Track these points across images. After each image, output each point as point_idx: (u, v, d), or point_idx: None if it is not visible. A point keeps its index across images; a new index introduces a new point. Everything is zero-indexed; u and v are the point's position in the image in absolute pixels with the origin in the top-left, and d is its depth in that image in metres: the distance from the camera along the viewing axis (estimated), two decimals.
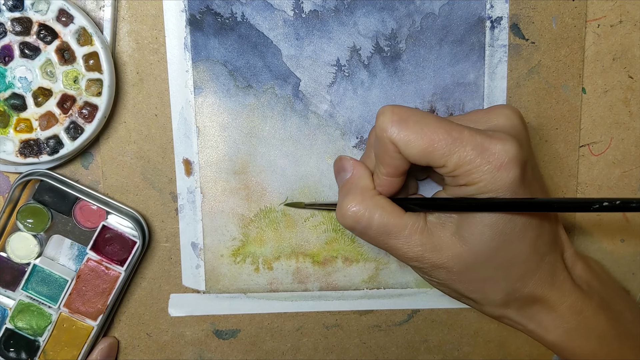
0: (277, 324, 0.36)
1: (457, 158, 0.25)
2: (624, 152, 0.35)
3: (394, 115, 0.26)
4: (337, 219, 0.28)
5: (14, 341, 0.33)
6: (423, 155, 0.26)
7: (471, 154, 0.25)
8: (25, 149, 0.31)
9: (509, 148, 0.25)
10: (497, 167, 0.25)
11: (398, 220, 0.27)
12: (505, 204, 0.25)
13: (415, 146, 0.26)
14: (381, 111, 0.26)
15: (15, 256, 0.33)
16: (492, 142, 0.25)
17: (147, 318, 0.36)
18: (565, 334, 0.28)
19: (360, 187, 0.28)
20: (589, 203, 0.23)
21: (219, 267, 0.35)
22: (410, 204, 0.28)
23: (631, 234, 0.36)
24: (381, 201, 0.28)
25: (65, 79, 0.31)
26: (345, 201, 0.28)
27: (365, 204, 0.27)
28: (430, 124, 0.26)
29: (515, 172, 0.25)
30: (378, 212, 0.27)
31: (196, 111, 0.33)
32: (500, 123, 0.27)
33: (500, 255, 0.26)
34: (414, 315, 0.36)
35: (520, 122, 0.28)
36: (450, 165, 0.25)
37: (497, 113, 0.28)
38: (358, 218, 0.27)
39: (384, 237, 0.27)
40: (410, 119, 0.26)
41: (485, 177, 0.25)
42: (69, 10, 0.30)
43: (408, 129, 0.26)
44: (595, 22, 0.34)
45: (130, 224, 0.33)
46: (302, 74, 0.33)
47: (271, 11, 0.33)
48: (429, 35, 0.33)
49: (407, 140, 0.26)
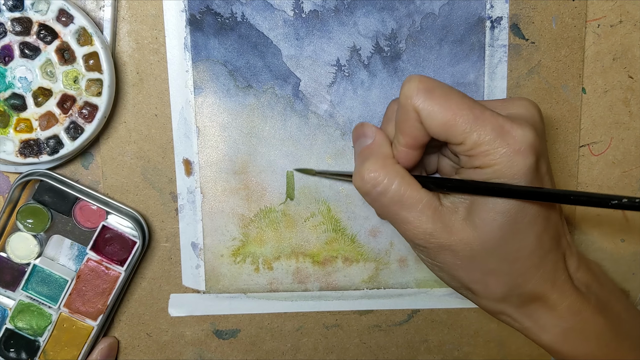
0: (277, 324, 0.36)
1: (476, 136, 0.25)
2: (624, 152, 0.35)
3: (421, 83, 0.26)
4: (354, 182, 0.28)
5: (14, 341, 0.33)
6: (444, 128, 0.26)
7: (491, 134, 0.25)
8: (25, 149, 0.31)
9: (528, 135, 0.25)
10: (515, 152, 0.25)
11: (415, 192, 0.27)
12: (522, 192, 0.25)
13: (438, 118, 0.25)
14: (408, 79, 0.26)
15: (15, 256, 0.33)
16: (513, 126, 0.25)
17: (147, 318, 0.36)
18: (562, 334, 0.28)
19: (382, 153, 0.28)
20: (608, 199, 0.23)
21: (219, 267, 0.35)
22: (426, 182, 0.28)
23: (631, 234, 0.36)
24: (401, 170, 0.27)
25: (65, 79, 0.31)
26: (365, 165, 0.28)
27: (386, 170, 0.27)
28: (455, 98, 0.26)
29: (531, 159, 0.25)
30: (397, 180, 0.27)
31: (196, 111, 0.33)
32: (520, 112, 0.27)
33: (507, 246, 0.26)
34: (414, 315, 0.36)
35: (539, 115, 0.28)
36: (469, 143, 0.25)
37: (516, 103, 0.28)
38: (377, 183, 0.27)
39: (397, 207, 0.27)
40: (436, 90, 0.26)
41: (502, 160, 0.25)
42: (69, 10, 0.30)
43: (433, 99, 0.26)
44: (595, 22, 0.34)
45: (130, 224, 0.33)
46: (302, 74, 0.33)
47: (271, 11, 0.33)
48: (429, 35, 0.33)
49: (431, 110, 0.26)
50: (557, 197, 0.25)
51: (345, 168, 0.34)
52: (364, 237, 0.35)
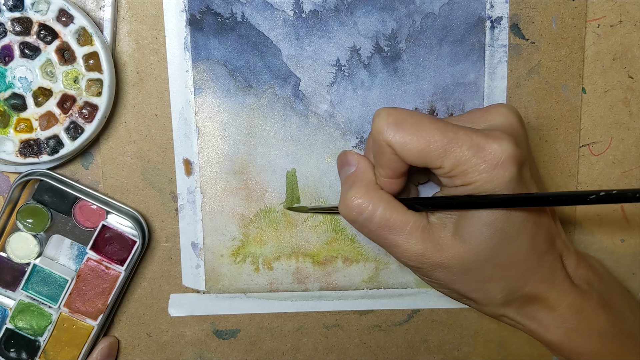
0: (277, 324, 0.36)
1: (453, 158, 0.25)
2: (624, 152, 0.35)
3: (390, 117, 0.26)
4: (340, 210, 0.28)
5: (14, 341, 0.33)
6: (419, 156, 0.26)
7: (467, 154, 0.25)
8: (25, 149, 0.31)
9: (505, 147, 0.25)
10: (493, 166, 0.25)
11: (401, 216, 0.27)
12: (503, 200, 0.25)
13: (412, 148, 0.26)
14: (377, 114, 0.27)
15: (15, 256, 0.33)
16: (488, 141, 0.25)
17: (147, 318, 0.36)
18: (565, 333, 0.28)
19: (365, 180, 0.28)
20: (585, 195, 0.23)
21: (219, 267, 0.35)
22: (412, 203, 0.28)
23: (631, 234, 0.36)
24: (385, 196, 0.28)
25: (65, 79, 0.31)
26: (349, 193, 0.28)
27: (370, 197, 0.27)
28: (426, 125, 0.26)
29: (512, 170, 0.25)
30: (382, 205, 0.27)
31: (196, 111, 0.33)
32: (498, 122, 0.27)
33: (500, 254, 0.26)
34: (414, 315, 0.36)
35: (518, 121, 0.28)
36: (447, 166, 0.25)
37: (494, 112, 0.28)
38: (361, 210, 0.27)
39: (385, 231, 0.27)
40: (406, 121, 0.26)
41: (482, 177, 0.25)
42: (69, 10, 0.30)
43: (404, 131, 0.26)
44: (595, 22, 0.34)
45: (130, 224, 0.33)
46: (302, 74, 0.33)
47: (271, 11, 0.33)
48: (429, 35, 0.33)
49: (403, 142, 0.26)
50: (537, 201, 0.25)
51: None
52: (364, 237, 0.35)
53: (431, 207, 0.28)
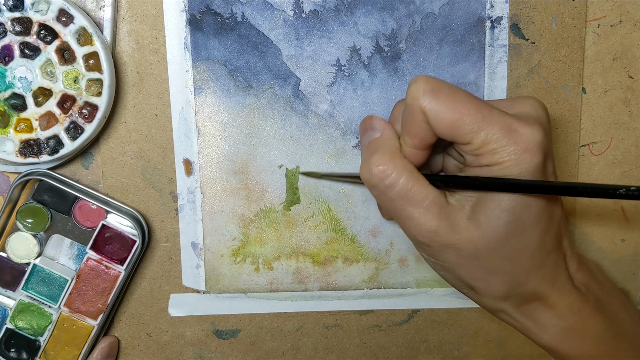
0: (277, 324, 0.36)
1: (484, 136, 0.25)
2: (624, 152, 0.35)
3: (427, 84, 0.26)
4: (362, 175, 0.28)
5: (14, 341, 0.33)
6: (450, 128, 0.25)
7: (499, 133, 0.25)
8: (25, 149, 0.31)
9: (536, 133, 0.25)
10: (523, 150, 0.25)
11: (422, 188, 0.27)
12: (530, 185, 0.25)
13: (445, 118, 0.25)
14: (414, 80, 0.26)
15: (15, 256, 0.33)
16: (520, 125, 0.25)
17: (147, 318, 0.36)
18: (561, 333, 0.28)
19: (390, 147, 0.28)
20: (615, 188, 0.23)
21: (219, 267, 0.35)
22: (433, 179, 0.28)
23: (631, 234, 0.36)
24: (409, 165, 0.27)
25: (65, 79, 0.31)
26: (373, 158, 0.27)
27: (394, 164, 0.27)
28: (462, 98, 0.26)
29: (539, 158, 0.25)
30: (405, 174, 0.27)
31: (196, 111, 0.33)
32: (527, 111, 0.27)
33: (510, 244, 0.26)
34: (414, 315, 0.36)
35: (546, 115, 0.27)
36: (477, 142, 0.25)
37: (523, 102, 0.28)
38: (384, 176, 0.27)
39: (404, 202, 0.27)
40: (442, 90, 0.26)
41: (510, 159, 0.25)
42: (69, 10, 0.30)
43: (439, 100, 0.25)
44: (595, 22, 0.34)
45: (130, 223, 0.33)
46: (302, 74, 0.33)
47: (271, 11, 0.33)
48: (429, 35, 0.33)
49: (437, 111, 0.25)
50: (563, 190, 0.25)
51: (345, 168, 0.34)
52: (364, 237, 0.35)
53: (452, 185, 0.27)
